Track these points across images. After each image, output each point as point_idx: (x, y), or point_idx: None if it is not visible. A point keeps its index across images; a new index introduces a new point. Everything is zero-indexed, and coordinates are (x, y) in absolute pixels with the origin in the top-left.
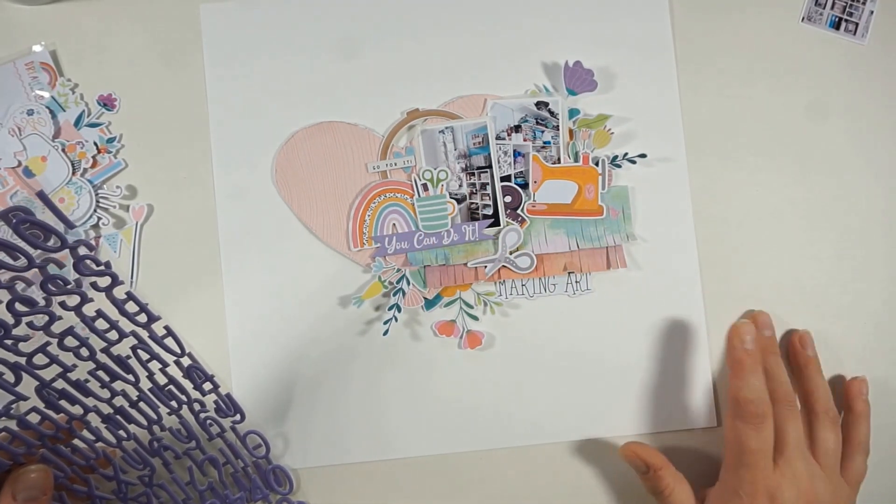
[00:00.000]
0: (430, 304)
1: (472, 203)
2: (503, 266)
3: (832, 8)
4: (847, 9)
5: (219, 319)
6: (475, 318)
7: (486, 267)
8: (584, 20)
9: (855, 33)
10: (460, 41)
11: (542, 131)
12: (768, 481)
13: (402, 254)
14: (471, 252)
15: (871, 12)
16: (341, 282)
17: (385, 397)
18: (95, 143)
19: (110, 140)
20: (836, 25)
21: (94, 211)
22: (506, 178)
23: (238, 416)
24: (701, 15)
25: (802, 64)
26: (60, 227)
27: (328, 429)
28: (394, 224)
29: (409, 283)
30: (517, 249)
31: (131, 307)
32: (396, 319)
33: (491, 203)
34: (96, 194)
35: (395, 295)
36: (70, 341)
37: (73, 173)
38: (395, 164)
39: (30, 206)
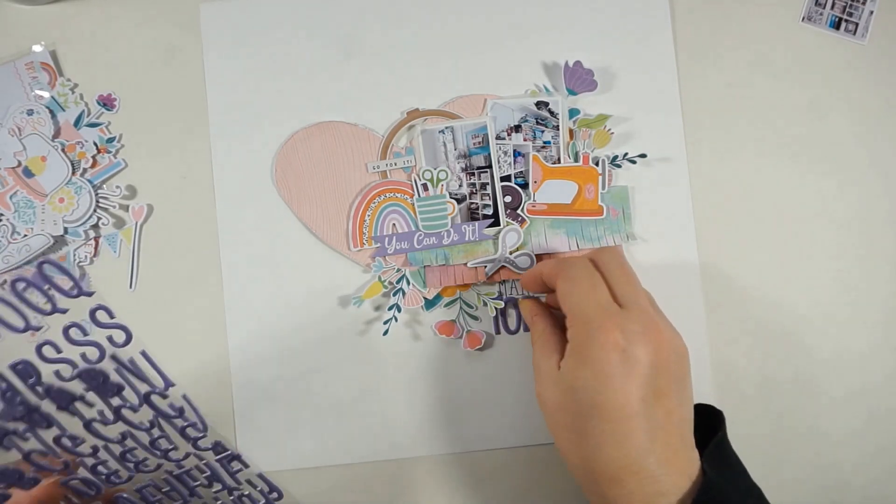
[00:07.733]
0: (430, 304)
1: (472, 203)
2: (503, 266)
3: (832, 8)
4: (847, 9)
5: (219, 319)
6: (475, 318)
7: (486, 267)
8: (585, 20)
9: (855, 33)
10: (460, 41)
11: (542, 131)
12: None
13: (402, 254)
14: (471, 252)
15: (871, 12)
16: (341, 282)
17: (385, 397)
18: (95, 143)
19: (110, 140)
20: (836, 25)
21: (94, 211)
22: (506, 178)
23: (275, 495)
24: (701, 15)
25: (802, 64)
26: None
27: (327, 429)
28: (394, 224)
29: (409, 283)
30: (517, 249)
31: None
32: (396, 319)
33: (491, 203)
34: (96, 194)
35: (395, 295)
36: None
37: (73, 173)
38: (395, 164)
39: None
